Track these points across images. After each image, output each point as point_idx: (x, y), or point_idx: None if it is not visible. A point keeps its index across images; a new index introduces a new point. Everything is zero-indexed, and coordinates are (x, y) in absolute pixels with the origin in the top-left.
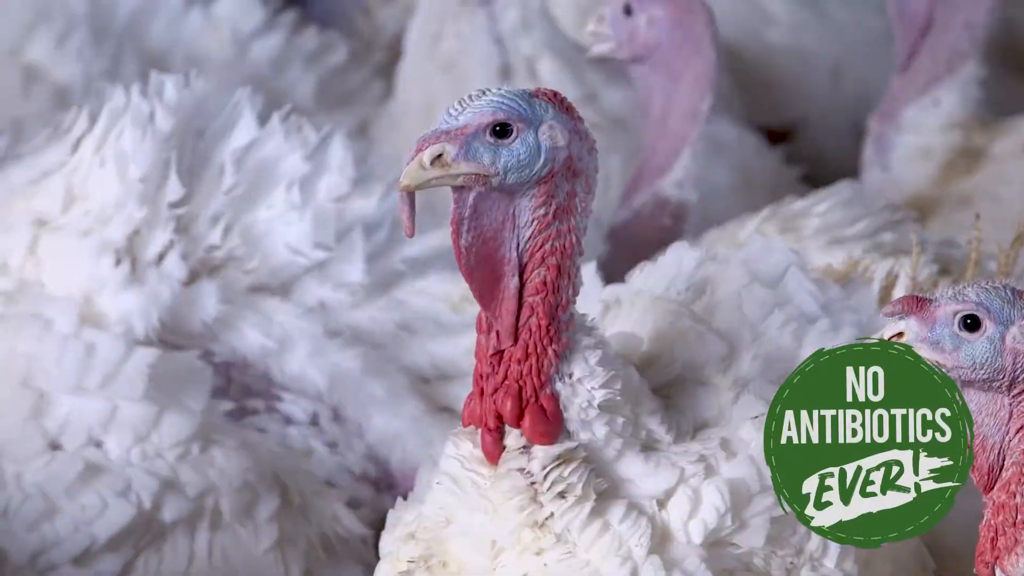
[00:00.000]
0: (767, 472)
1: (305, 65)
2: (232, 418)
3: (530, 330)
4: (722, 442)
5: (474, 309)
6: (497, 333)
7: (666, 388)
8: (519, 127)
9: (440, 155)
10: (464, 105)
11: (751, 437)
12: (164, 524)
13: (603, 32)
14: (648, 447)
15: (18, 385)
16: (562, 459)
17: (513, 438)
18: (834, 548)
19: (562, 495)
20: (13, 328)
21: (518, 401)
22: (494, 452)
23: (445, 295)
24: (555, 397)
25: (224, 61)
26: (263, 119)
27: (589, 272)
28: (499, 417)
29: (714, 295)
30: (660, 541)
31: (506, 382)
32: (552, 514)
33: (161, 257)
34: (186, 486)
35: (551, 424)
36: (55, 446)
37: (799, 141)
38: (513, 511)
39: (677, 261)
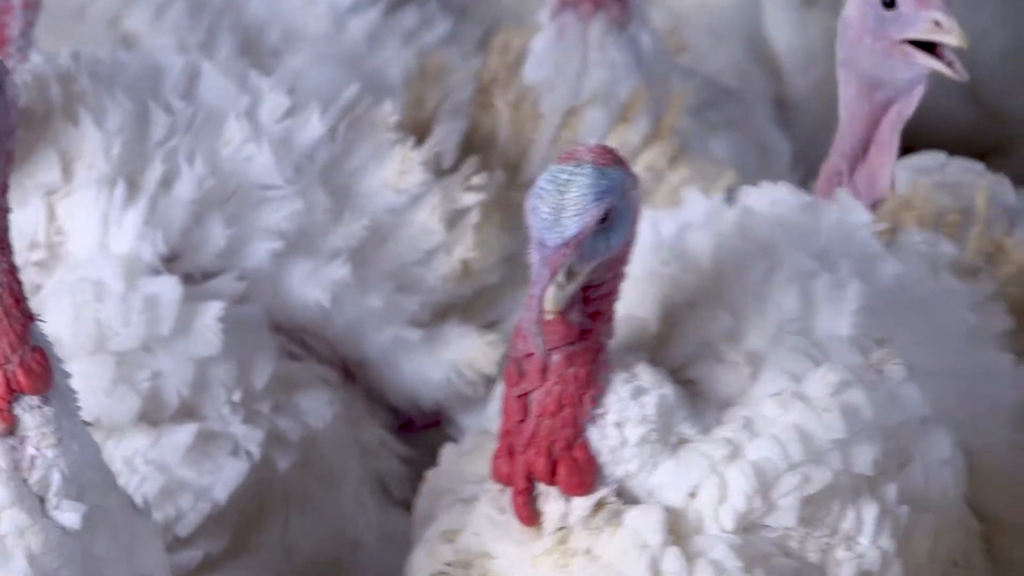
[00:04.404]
0: (793, 450)
1: (403, 42)
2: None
3: (565, 381)
4: (745, 422)
5: (412, 177)
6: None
7: (684, 370)
8: (614, 207)
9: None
10: (557, 206)
11: (775, 415)
12: (277, 475)
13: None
14: (678, 445)
15: (94, 351)
16: (597, 507)
17: (552, 503)
18: (869, 525)
19: (592, 531)
20: (67, 296)
21: (549, 456)
22: (527, 515)
23: (383, 183)
24: (586, 444)
25: (321, 36)
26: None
27: None
28: (529, 476)
29: (706, 261)
30: (687, 532)
31: (536, 439)
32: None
33: (166, 185)
34: (288, 433)
35: (587, 473)
36: (147, 413)
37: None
38: (550, 554)
39: (653, 228)
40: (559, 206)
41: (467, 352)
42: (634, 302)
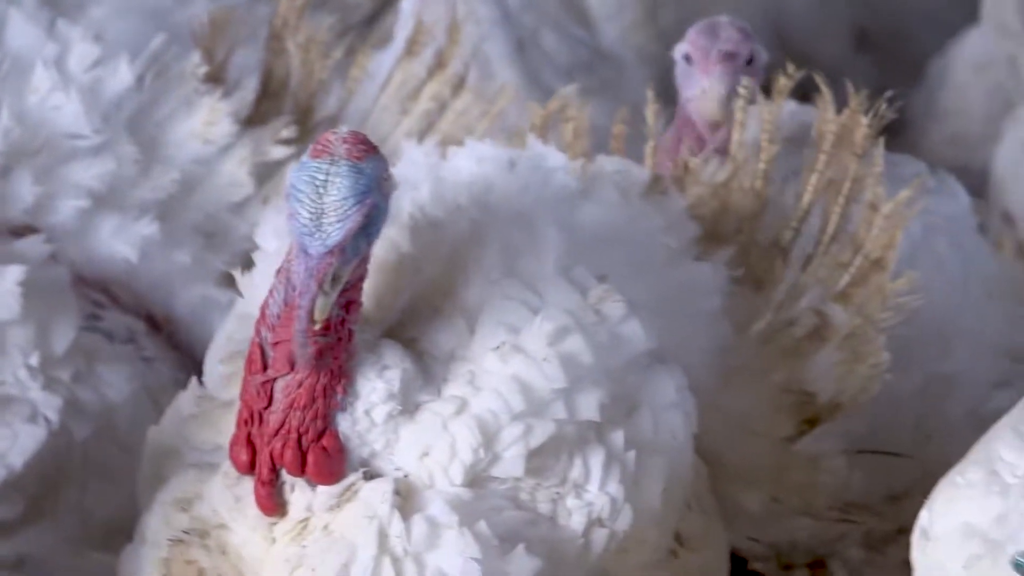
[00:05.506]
0: (514, 401)
1: None
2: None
3: (318, 373)
4: (470, 377)
5: (220, 128)
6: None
7: (404, 327)
8: (374, 205)
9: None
10: (317, 211)
11: (495, 368)
12: (75, 442)
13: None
14: (415, 412)
15: None
16: (345, 493)
17: (298, 492)
18: (596, 472)
19: (331, 511)
20: None
21: (298, 448)
22: (271, 507)
23: (191, 133)
24: (336, 433)
25: None
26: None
27: None
28: (274, 467)
29: (405, 219)
30: (419, 492)
31: (283, 431)
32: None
33: None
34: (87, 403)
35: (337, 462)
36: None
37: None
38: (287, 533)
39: None
40: (319, 211)
41: None
42: None
